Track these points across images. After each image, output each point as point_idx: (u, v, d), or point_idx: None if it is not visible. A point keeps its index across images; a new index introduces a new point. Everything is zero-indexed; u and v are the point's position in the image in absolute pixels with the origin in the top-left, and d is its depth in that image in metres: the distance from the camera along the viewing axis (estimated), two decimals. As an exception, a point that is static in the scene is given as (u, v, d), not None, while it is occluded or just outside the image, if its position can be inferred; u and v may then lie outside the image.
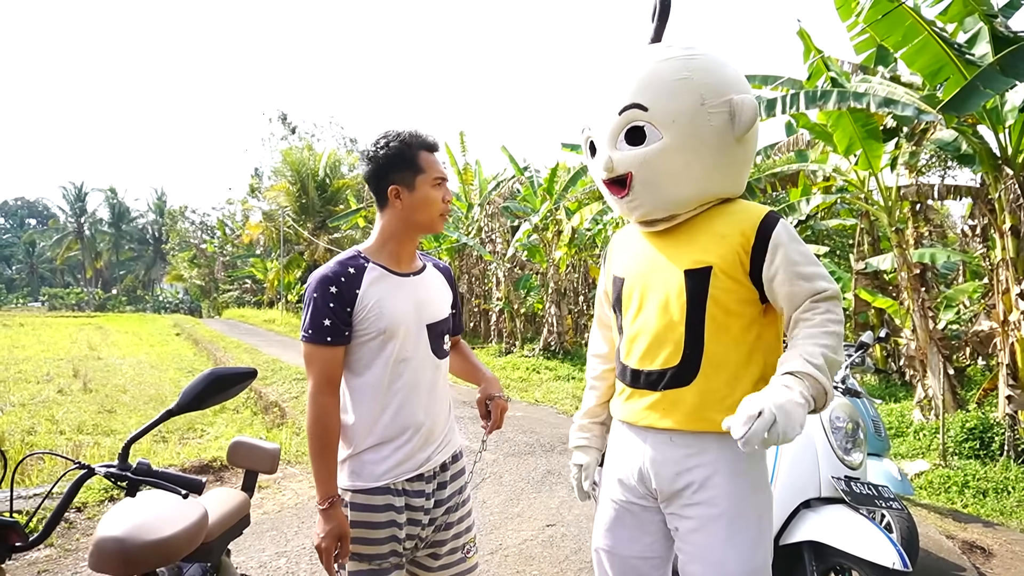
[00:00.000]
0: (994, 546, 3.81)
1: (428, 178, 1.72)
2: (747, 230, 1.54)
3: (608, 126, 1.61)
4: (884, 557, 1.84)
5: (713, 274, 1.53)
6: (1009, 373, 6.00)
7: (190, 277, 42.16)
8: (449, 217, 14.92)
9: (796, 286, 1.49)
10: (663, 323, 1.58)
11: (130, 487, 1.26)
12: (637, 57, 1.63)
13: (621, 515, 1.70)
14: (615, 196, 1.66)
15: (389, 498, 1.67)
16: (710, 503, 1.54)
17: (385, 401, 1.69)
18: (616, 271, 1.77)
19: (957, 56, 5.57)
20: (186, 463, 4.78)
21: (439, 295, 1.85)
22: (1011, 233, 6.01)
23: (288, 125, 33.81)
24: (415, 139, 1.74)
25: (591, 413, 1.91)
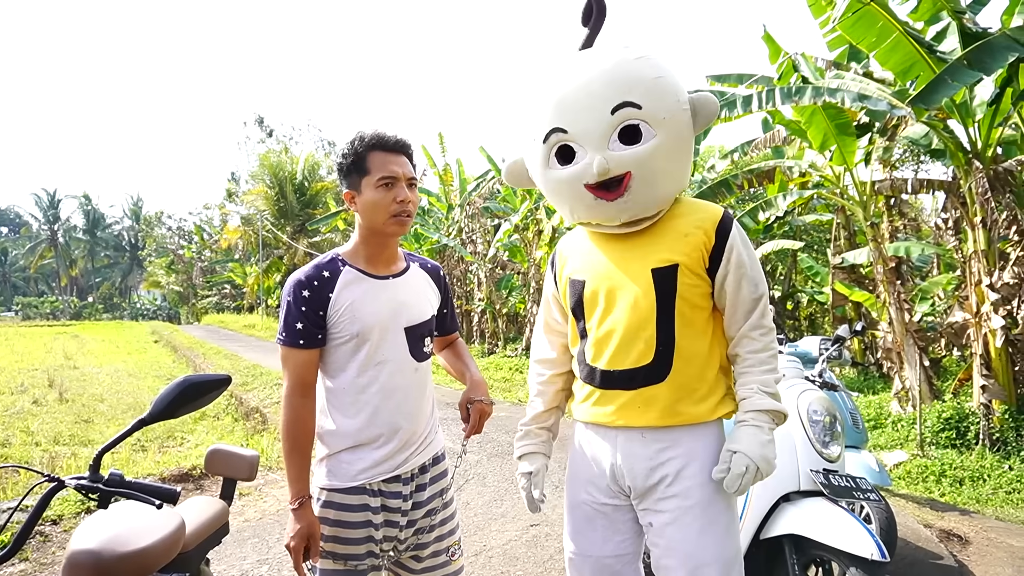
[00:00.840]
0: (970, 534, 3.87)
1: (372, 179, 1.68)
2: (708, 229, 1.62)
3: (598, 127, 1.54)
4: (863, 548, 1.86)
5: (680, 271, 1.59)
6: (983, 363, 6.10)
7: (168, 283, 41.71)
8: (429, 218, 14.94)
9: (744, 289, 1.62)
10: (634, 322, 1.59)
11: (102, 499, 1.24)
12: (603, 56, 1.59)
13: (592, 518, 1.70)
14: (603, 200, 1.58)
15: (364, 498, 1.67)
16: (684, 495, 1.58)
17: (360, 404, 1.69)
18: (573, 275, 1.74)
19: (928, 53, 5.67)
20: (165, 472, 4.71)
21: (421, 296, 1.83)
22: (982, 226, 6.12)
23: (265, 128, 33.54)
24: (366, 139, 1.70)
25: (538, 419, 1.86)
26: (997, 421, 5.89)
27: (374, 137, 1.70)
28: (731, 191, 8.33)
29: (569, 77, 1.60)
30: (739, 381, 1.64)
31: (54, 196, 58.55)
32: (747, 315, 1.64)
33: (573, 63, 1.62)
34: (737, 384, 1.65)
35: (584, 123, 1.56)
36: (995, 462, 5.47)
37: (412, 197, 1.71)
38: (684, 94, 1.59)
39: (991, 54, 5.10)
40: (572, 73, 1.60)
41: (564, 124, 1.58)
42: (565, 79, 1.60)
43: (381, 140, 1.70)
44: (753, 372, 1.61)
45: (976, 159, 6.09)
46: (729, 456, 1.56)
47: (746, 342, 1.63)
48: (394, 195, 1.67)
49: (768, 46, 8.05)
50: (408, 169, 1.72)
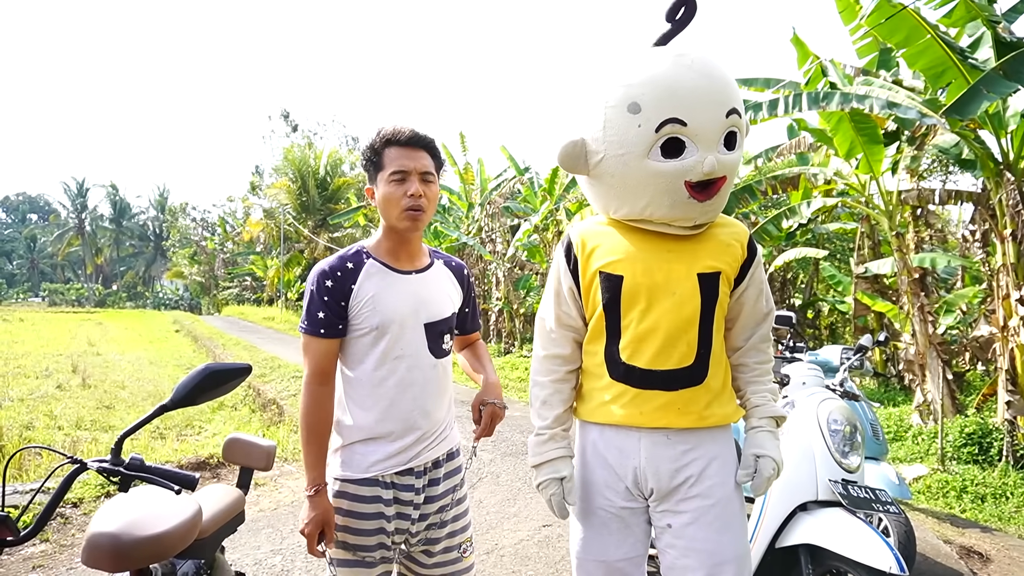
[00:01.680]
0: (992, 551, 3.80)
1: (386, 174, 1.69)
2: (743, 243, 1.70)
3: (714, 127, 1.54)
4: (880, 561, 1.83)
5: (721, 279, 1.64)
6: (1008, 379, 5.98)
7: (190, 274, 42.24)
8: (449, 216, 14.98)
9: (760, 303, 1.73)
10: (678, 323, 1.60)
11: (123, 482, 1.26)
12: (714, 60, 1.60)
13: (607, 521, 1.68)
14: (694, 199, 1.57)
15: (377, 490, 1.68)
16: (705, 495, 1.60)
17: (377, 396, 1.70)
18: (607, 269, 1.66)
19: (960, 60, 5.57)
20: (182, 459, 4.77)
21: (443, 293, 1.83)
22: (1011, 239, 6.00)
23: (290, 123, 33.85)
24: (382, 135, 1.72)
25: (561, 420, 1.75)
26: (1021, 438, 5.77)
27: (390, 132, 1.71)
28: (754, 197, 8.26)
29: (687, 72, 1.55)
30: (749, 389, 1.74)
31: (82, 185, 59.55)
32: (758, 327, 1.74)
33: (685, 58, 1.58)
34: (748, 391, 1.74)
35: (705, 120, 1.54)
36: (1019, 480, 5.36)
37: (427, 191, 1.70)
38: None
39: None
40: (690, 68, 1.56)
41: (685, 117, 1.52)
42: (683, 72, 1.55)
43: (396, 134, 1.71)
44: (763, 381, 1.73)
45: (1007, 170, 5.97)
46: (754, 460, 1.64)
47: (754, 353, 1.74)
48: (405, 189, 1.68)
49: (797, 49, 7.96)
50: (423, 163, 1.71)
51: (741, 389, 1.75)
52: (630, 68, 1.60)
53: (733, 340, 1.75)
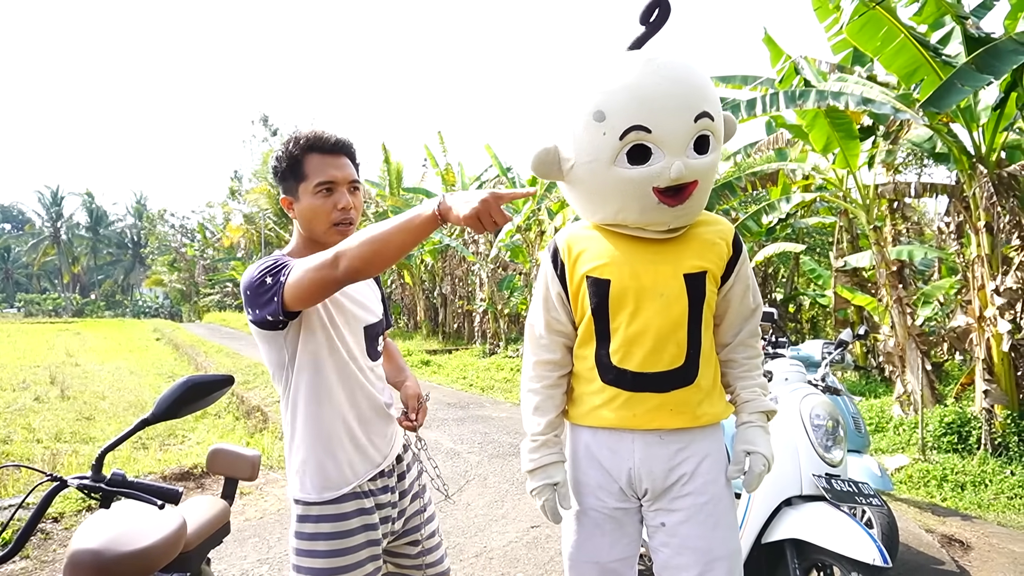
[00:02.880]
0: (972, 539, 3.86)
1: (310, 185, 1.56)
2: (728, 241, 1.71)
3: (680, 132, 1.52)
4: (864, 553, 1.86)
5: (707, 278, 1.65)
6: (985, 368, 6.09)
7: (170, 281, 41.81)
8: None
9: (747, 299, 1.75)
10: (667, 325, 1.61)
11: (104, 498, 1.24)
12: (684, 62, 1.57)
13: (601, 523, 1.69)
14: (664, 204, 1.55)
15: (358, 502, 1.64)
16: (698, 492, 1.62)
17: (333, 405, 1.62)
18: (593, 273, 1.67)
19: (932, 57, 5.66)
20: (166, 470, 4.71)
21: (371, 296, 1.80)
22: (986, 230, 6.11)
23: (269, 127, 33.60)
24: (301, 141, 1.58)
25: (553, 425, 1.74)
26: (999, 426, 5.87)
27: (311, 137, 1.59)
28: (734, 193, 8.33)
29: (652, 76, 1.53)
30: (739, 384, 1.76)
31: (57, 193, 58.66)
32: (746, 323, 1.76)
33: (652, 62, 1.55)
34: (737, 387, 1.76)
35: (670, 126, 1.52)
36: (997, 467, 5.46)
37: (355, 203, 1.61)
38: None
39: (999, 58, 5.10)
40: (656, 73, 1.53)
41: (649, 123, 1.51)
42: (648, 77, 1.53)
43: (319, 141, 1.58)
44: (752, 376, 1.76)
45: (980, 163, 6.08)
46: (744, 456, 1.67)
47: (742, 349, 1.76)
48: (334, 201, 1.57)
49: (769, 49, 8.05)
50: (350, 172, 1.61)
51: (731, 385, 1.77)
52: (597, 75, 1.59)
53: (721, 337, 1.77)
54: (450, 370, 12.50)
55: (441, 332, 19.61)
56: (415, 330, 20.57)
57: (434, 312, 20.66)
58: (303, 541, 1.61)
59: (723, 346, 1.77)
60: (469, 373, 11.92)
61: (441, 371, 12.56)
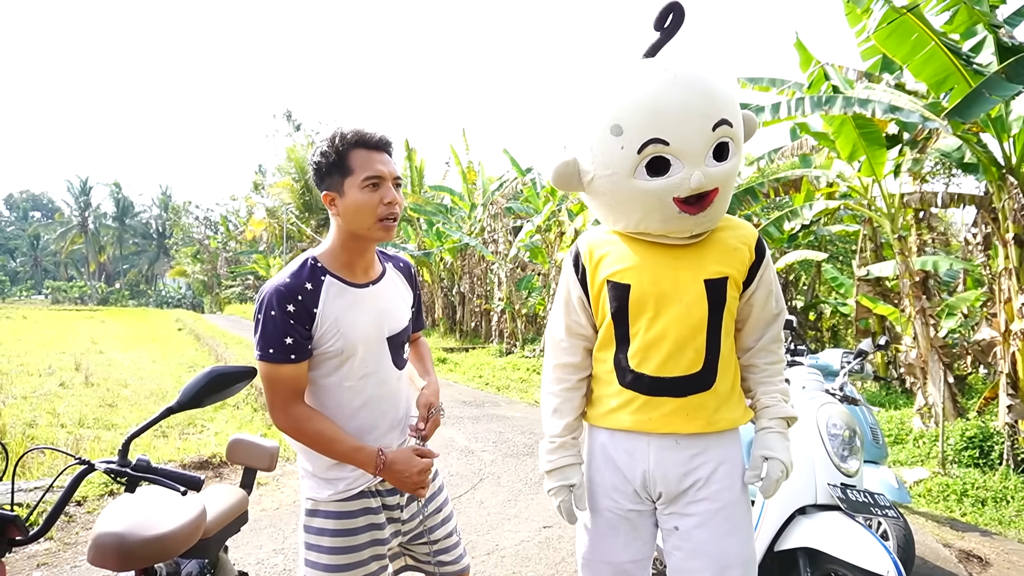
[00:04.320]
0: (991, 555, 3.80)
1: (357, 180, 1.56)
2: (751, 245, 1.69)
3: (698, 141, 1.52)
4: (879, 565, 1.84)
5: (728, 284, 1.64)
6: (1009, 382, 5.98)
7: (193, 272, 42.38)
8: (451, 217, 14.98)
9: (769, 304, 1.73)
10: (685, 330, 1.61)
11: (130, 483, 1.27)
12: (700, 70, 1.56)
13: (616, 524, 1.70)
14: (685, 213, 1.56)
15: (365, 502, 1.66)
16: (713, 498, 1.62)
17: (346, 418, 1.64)
18: (614, 278, 1.68)
19: (964, 65, 5.57)
20: (185, 459, 4.79)
21: (400, 301, 1.78)
22: (1014, 243, 6.00)
23: (293, 122, 33.87)
24: (346, 137, 1.58)
25: (571, 428, 1.77)
26: (1022, 441, 5.77)
27: (356, 134, 1.59)
28: (756, 199, 8.25)
29: (669, 88, 1.52)
30: (759, 389, 1.74)
31: (86, 183, 59.73)
32: (767, 328, 1.74)
33: (668, 72, 1.54)
34: (758, 392, 1.74)
35: (687, 137, 1.52)
36: (1019, 483, 5.35)
37: (399, 198, 1.62)
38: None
39: (1030, 68, 5.01)
40: (672, 84, 1.53)
41: (666, 136, 1.51)
42: (664, 88, 1.53)
43: (363, 137, 1.59)
44: (773, 382, 1.74)
45: (1010, 174, 5.98)
46: (762, 462, 1.66)
47: (764, 354, 1.75)
48: (381, 196, 1.57)
49: (799, 53, 7.98)
50: (394, 168, 1.63)
51: (751, 390, 1.76)
52: (614, 88, 1.59)
53: (743, 341, 1.76)
54: (466, 368, 12.54)
55: (459, 330, 19.67)
56: (432, 328, 20.65)
57: (452, 310, 20.72)
58: (310, 536, 1.66)
59: (744, 351, 1.76)
60: (485, 372, 11.95)
61: (457, 369, 12.60)
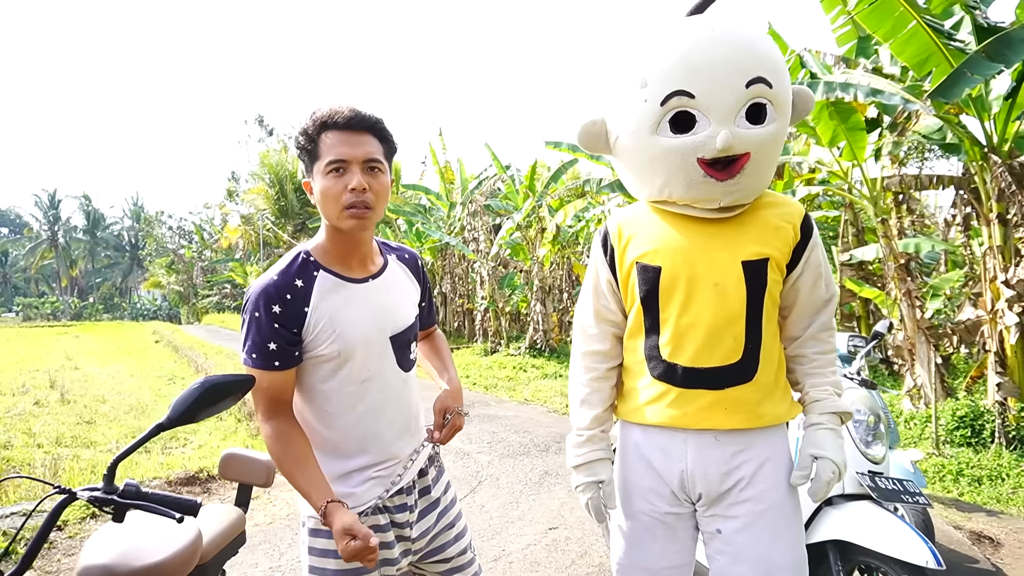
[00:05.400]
0: (1001, 535, 3.78)
1: (322, 165, 1.42)
2: (796, 224, 1.54)
3: (728, 98, 1.40)
4: (917, 556, 1.77)
5: (769, 266, 1.50)
6: (997, 360, 6.02)
7: (168, 283, 41.67)
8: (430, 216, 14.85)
9: (818, 289, 1.58)
10: (722, 317, 1.48)
11: (117, 511, 1.14)
12: (737, 26, 1.45)
13: (652, 528, 1.58)
14: (711, 177, 1.44)
15: (373, 519, 1.51)
16: (757, 499, 1.49)
17: (347, 427, 1.50)
18: (643, 260, 1.56)
19: (945, 45, 5.57)
20: (171, 475, 4.60)
21: (404, 297, 1.62)
22: (998, 221, 6.04)
23: (265, 127, 33.48)
24: (316, 118, 1.44)
25: (600, 420, 1.66)
26: (1013, 419, 5.81)
27: (325, 114, 1.43)
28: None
29: (702, 40, 1.42)
30: (808, 382, 1.59)
31: (54, 196, 58.45)
32: (817, 315, 1.60)
33: (704, 26, 1.44)
34: (806, 385, 1.60)
35: (716, 91, 1.40)
36: (1012, 460, 5.39)
37: (373, 183, 1.43)
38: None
39: (1011, 46, 5.02)
40: (706, 36, 1.43)
41: (692, 88, 1.40)
42: (697, 41, 1.43)
43: (332, 116, 1.43)
44: (824, 373, 1.58)
45: (993, 153, 6.00)
46: (811, 462, 1.52)
47: (813, 343, 1.60)
48: (345, 182, 1.40)
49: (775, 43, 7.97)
50: (366, 149, 1.43)
51: (799, 382, 1.61)
52: (646, 41, 1.50)
53: (790, 330, 1.61)
54: (453, 369, 12.42)
55: (442, 331, 19.50)
56: (415, 329, 20.45)
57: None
58: (315, 558, 1.50)
59: (792, 340, 1.62)
60: (472, 372, 11.83)
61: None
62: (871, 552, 1.90)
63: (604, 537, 3.43)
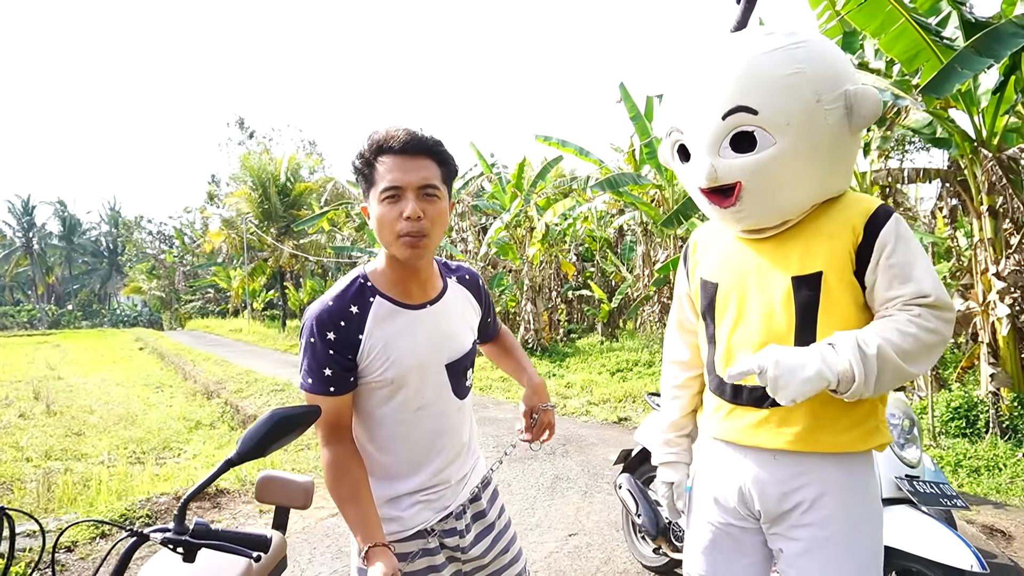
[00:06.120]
0: (1010, 528, 3.83)
1: (377, 192, 1.39)
2: (857, 225, 1.40)
3: (707, 131, 1.41)
4: (961, 560, 1.78)
5: (824, 280, 1.40)
6: (990, 351, 6.11)
7: (149, 289, 41.10)
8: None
9: (893, 288, 1.36)
10: (768, 335, 1.43)
11: (188, 551, 1.11)
12: (732, 49, 1.42)
13: (718, 538, 1.58)
14: (717, 206, 1.47)
15: (422, 542, 1.50)
16: (820, 524, 1.42)
17: (399, 451, 1.50)
18: (705, 274, 1.60)
19: (934, 41, 5.64)
20: (179, 490, 4.52)
21: (462, 323, 1.59)
22: (988, 214, 6.12)
23: (245, 130, 33.11)
24: (372, 141, 1.42)
25: (677, 426, 1.74)
26: (1006, 409, 5.90)
27: (382, 138, 1.41)
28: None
29: (695, 72, 1.47)
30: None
31: (28, 202, 57.40)
32: (894, 306, 1.37)
33: (706, 55, 1.46)
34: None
35: (695, 126, 1.45)
36: (1008, 450, 5.48)
37: (428, 209, 1.40)
38: (830, 90, 1.37)
39: (999, 41, 5.08)
40: (699, 68, 1.47)
41: (679, 124, 1.49)
42: (691, 74, 1.48)
43: (388, 140, 1.40)
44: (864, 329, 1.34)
45: (983, 147, 6.09)
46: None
47: (879, 319, 1.38)
48: (400, 209, 1.38)
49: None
50: (422, 175, 1.40)
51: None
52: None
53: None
54: (444, 370, 12.36)
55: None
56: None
57: (422, 312, 20.48)
58: None
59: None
60: (465, 373, 11.80)
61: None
62: (914, 557, 1.91)
63: (627, 542, 3.43)
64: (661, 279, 11.37)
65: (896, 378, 1.31)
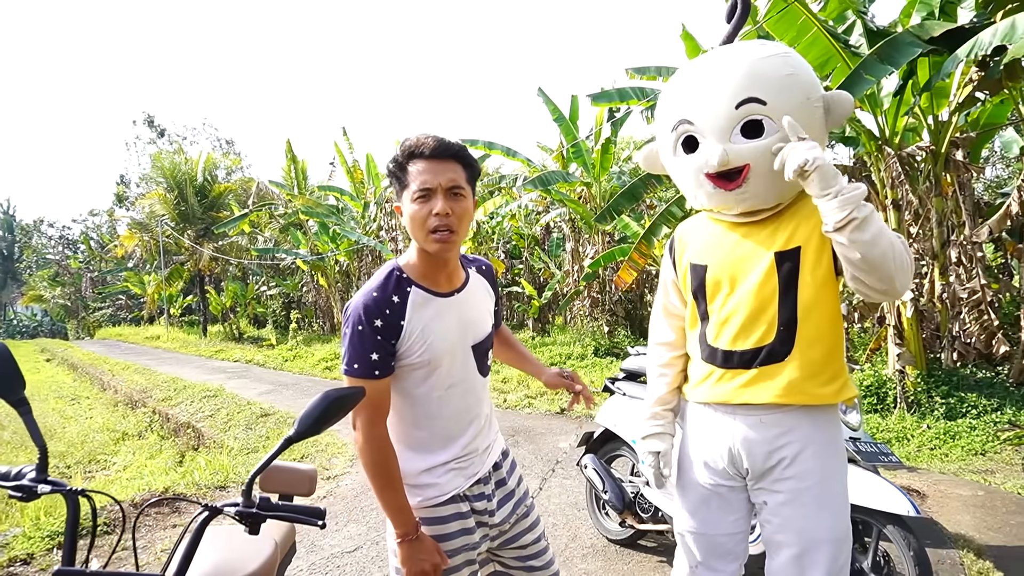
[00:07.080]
0: (923, 488, 4.26)
1: (410, 192, 1.56)
2: None
3: (721, 120, 1.62)
4: (900, 507, 2.05)
5: (803, 253, 1.64)
6: (896, 333, 6.67)
7: (52, 297, 38.46)
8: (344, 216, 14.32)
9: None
10: (756, 303, 1.66)
11: (253, 523, 1.20)
12: (735, 54, 1.66)
13: (707, 498, 1.79)
14: (721, 189, 1.66)
15: (456, 506, 1.66)
16: (800, 477, 1.65)
17: (434, 429, 1.66)
18: (693, 259, 1.81)
19: (843, 48, 6.13)
20: (136, 496, 4.38)
21: (483, 308, 1.78)
22: (893, 207, 6.69)
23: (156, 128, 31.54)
24: (405, 147, 1.59)
25: (662, 400, 1.92)
26: (911, 385, 6.45)
27: (413, 144, 1.58)
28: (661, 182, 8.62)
29: (700, 71, 1.69)
30: None
31: (-94, 207, 52.63)
32: None
33: (707, 58, 1.70)
34: None
35: (708, 116, 1.64)
36: (914, 423, 6.00)
37: (455, 208, 1.57)
38: (816, 92, 1.64)
39: (898, 49, 5.59)
40: (704, 68, 1.68)
41: (690, 116, 1.67)
42: (697, 73, 1.70)
43: (418, 146, 1.57)
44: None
45: (886, 145, 6.64)
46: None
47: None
48: (430, 208, 1.54)
49: (686, 44, 8.41)
50: (450, 176, 1.57)
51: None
52: (675, 75, 1.76)
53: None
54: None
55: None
56: (332, 333, 20.00)
57: (352, 313, 20.11)
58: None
59: None
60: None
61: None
62: (861, 508, 2.17)
63: (592, 519, 3.61)
64: (591, 274, 11.73)
65: (881, 237, 1.48)
